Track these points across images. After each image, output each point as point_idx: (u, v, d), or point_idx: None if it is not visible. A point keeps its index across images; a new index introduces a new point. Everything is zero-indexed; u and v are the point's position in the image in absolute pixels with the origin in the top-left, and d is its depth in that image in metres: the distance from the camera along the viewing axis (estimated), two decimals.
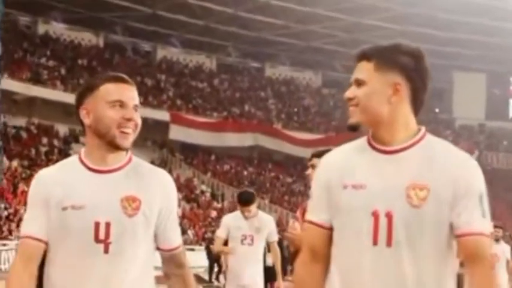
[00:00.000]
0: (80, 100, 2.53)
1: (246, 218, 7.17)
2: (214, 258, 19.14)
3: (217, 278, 20.11)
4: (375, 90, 2.29)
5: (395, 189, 2.25)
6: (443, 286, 2.28)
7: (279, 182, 42.48)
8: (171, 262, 2.63)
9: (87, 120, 2.51)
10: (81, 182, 2.51)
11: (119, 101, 2.48)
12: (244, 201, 7.21)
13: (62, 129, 36.97)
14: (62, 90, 37.02)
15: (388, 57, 2.32)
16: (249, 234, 7.18)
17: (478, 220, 2.26)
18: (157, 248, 2.61)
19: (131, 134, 2.50)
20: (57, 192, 2.49)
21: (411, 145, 2.30)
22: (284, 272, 14.16)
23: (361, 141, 2.40)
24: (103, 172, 2.52)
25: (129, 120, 2.47)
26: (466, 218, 2.25)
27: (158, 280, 2.63)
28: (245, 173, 42.27)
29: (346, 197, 2.30)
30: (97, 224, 2.45)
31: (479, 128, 49.39)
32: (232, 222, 7.24)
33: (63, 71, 39.24)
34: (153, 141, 38.82)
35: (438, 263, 2.27)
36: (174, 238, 2.61)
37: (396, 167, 2.28)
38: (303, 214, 4.72)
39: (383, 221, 2.24)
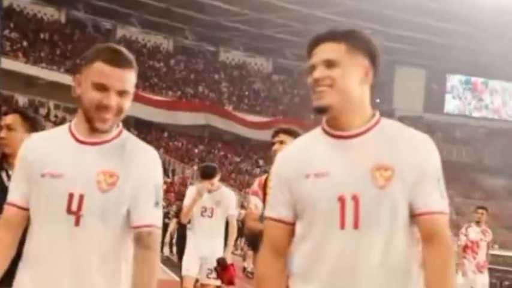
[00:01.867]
0: (78, 68, 2.43)
1: (208, 191, 7.06)
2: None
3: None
4: (349, 71, 2.23)
5: (360, 172, 2.20)
6: (408, 266, 2.23)
7: (227, 160, 43.12)
8: (136, 242, 2.40)
9: (77, 90, 2.41)
10: (65, 151, 2.42)
11: (101, 85, 2.35)
12: (207, 174, 7.11)
13: (22, 99, 37.42)
14: (23, 62, 37.47)
15: (357, 41, 2.27)
16: (210, 207, 7.11)
17: (438, 200, 2.23)
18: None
19: (110, 119, 2.38)
20: (40, 158, 2.41)
21: (369, 128, 2.26)
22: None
23: (315, 132, 2.35)
24: (88, 144, 2.42)
25: (105, 107, 2.35)
26: (426, 197, 2.21)
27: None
28: (196, 150, 42.81)
29: (309, 186, 2.24)
30: (71, 195, 2.35)
31: (417, 119, 50.94)
32: (194, 194, 7.04)
33: (25, 44, 39.59)
34: None
35: (404, 243, 2.22)
36: (143, 216, 2.40)
37: (357, 150, 2.23)
38: (264, 188, 4.97)
39: (349, 205, 2.19)
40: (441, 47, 47.94)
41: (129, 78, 2.39)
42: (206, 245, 7.02)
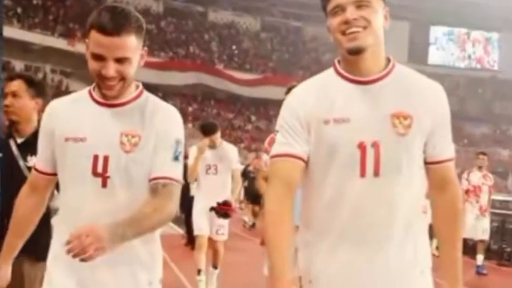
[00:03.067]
0: (86, 32, 2.31)
1: (211, 147, 7.03)
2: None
3: None
4: (378, 13, 2.17)
5: (380, 119, 2.14)
6: (420, 210, 2.25)
7: (220, 117, 43.34)
8: (151, 194, 2.35)
9: (87, 54, 2.33)
10: (86, 114, 2.39)
11: (97, 55, 2.27)
12: (208, 131, 7.03)
13: (19, 65, 37.84)
14: (18, 28, 37.83)
15: None
16: (213, 163, 7.07)
17: (449, 147, 2.25)
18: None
19: (116, 85, 2.32)
20: (62, 123, 2.39)
21: (387, 74, 2.20)
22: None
23: (328, 75, 2.27)
24: (109, 106, 2.38)
25: (105, 77, 2.28)
26: (440, 145, 2.22)
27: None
28: (190, 109, 43.32)
29: (329, 132, 2.16)
30: (96, 157, 2.33)
31: None
32: (196, 152, 6.99)
33: (19, 10, 39.83)
34: None
35: (420, 189, 2.23)
36: (160, 167, 2.35)
37: (377, 97, 2.17)
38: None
39: (370, 152, 2.14)
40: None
41: (127, 43, 2.27)
42: (214, 202, 6.88)
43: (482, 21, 51.79)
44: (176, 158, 2.39)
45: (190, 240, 9.84)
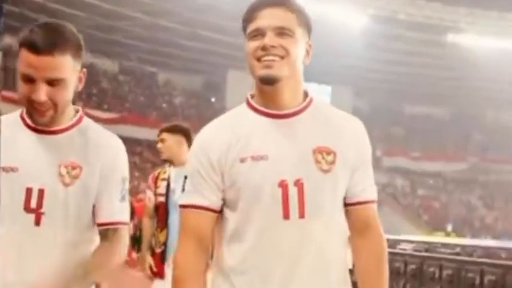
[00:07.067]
0: (17, 51, 2.04)
1: None
2: None
3: None
4: (300, 45, 2.01)
5: (301, 155, 1.99)
6: (343, 255, 2.07)
7: None
8: (102, 239, 2.16)
9: (18, 76, 2.04)
10: (19, 141, 2.10)
11: (27, 76, 2.01)
12: None
13: None
14: None
15: (305, 16, 2.06)
16: None
17: (372, 187, 2.12)
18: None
19: (47, 111, 2.06)
20: None
21: (304, 108, 2.06)
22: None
23: (241, 109, 2.09)
24: (45, 133, 2.10)
25: (35, 101, 2.02)
26: (362, 185, 2.08)
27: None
28: None
29: (246, 171, 1.97)
30: (29, 190, 2.04)
31: None
32: None
33: None
34: None
35: (342, 231, 2.08)
36: (108, 212, 2.13)
37: (295, 132, 2.02)
38: (156, 181, 4.94)
39: (292, 191, 1.97)
40: None
41: (61, 63, 2.01)
42: None
43: (313, 74, 56.52)
44: (123, 198, 2.20)
45: None
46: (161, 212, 4.87)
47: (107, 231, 2.18)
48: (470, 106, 56.41)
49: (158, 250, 4.85)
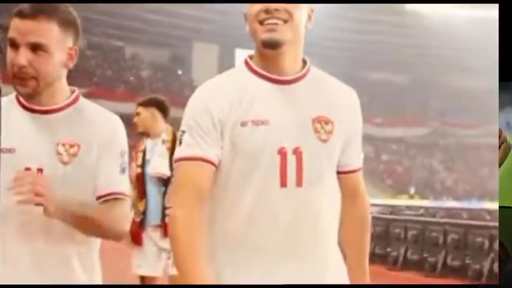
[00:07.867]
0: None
1: None
2: None
3: None
4: (302, 10, 2.01)
5: (301, 124, 1.97)
6: (337, 223, 2.08)
7: None
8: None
9: None
10: (14, 121, 2.05)
11: (12, 40, 1.97)
12: None
13: None
14: None
15: None
16: None
17: (360, 156, 2.14)
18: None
19: (29, 81, 1.99)
20: None
21: (303, 75, 2.03)
22: None
23: (241, 71, 2.04)
24: (41, 112, 2.06)
25: (16, 66, 1.96)
26: (354, 154, 2.10)
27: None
28: None
29: (246, 135, 1.93)
30: (27, 170, 2.00)
31: None
32: None
33: None
34: None
35: (337, 200, 2.08)
36: (108, 183, 2.08)
37: (295, 98, 1.99)
38: (136, 153, 5.01)
39: (291, 159, 1.94)
40: (232, 26, 52.47)
41: (44, 28, 1.96)
42: None
43: None
44: (123, 171, 2.14)
45: None
46: (139, 182, 5.04)
47: (108, 201, 2.10)
48: (429, 73, 57.83)
49: (137, 219, 5.00)
